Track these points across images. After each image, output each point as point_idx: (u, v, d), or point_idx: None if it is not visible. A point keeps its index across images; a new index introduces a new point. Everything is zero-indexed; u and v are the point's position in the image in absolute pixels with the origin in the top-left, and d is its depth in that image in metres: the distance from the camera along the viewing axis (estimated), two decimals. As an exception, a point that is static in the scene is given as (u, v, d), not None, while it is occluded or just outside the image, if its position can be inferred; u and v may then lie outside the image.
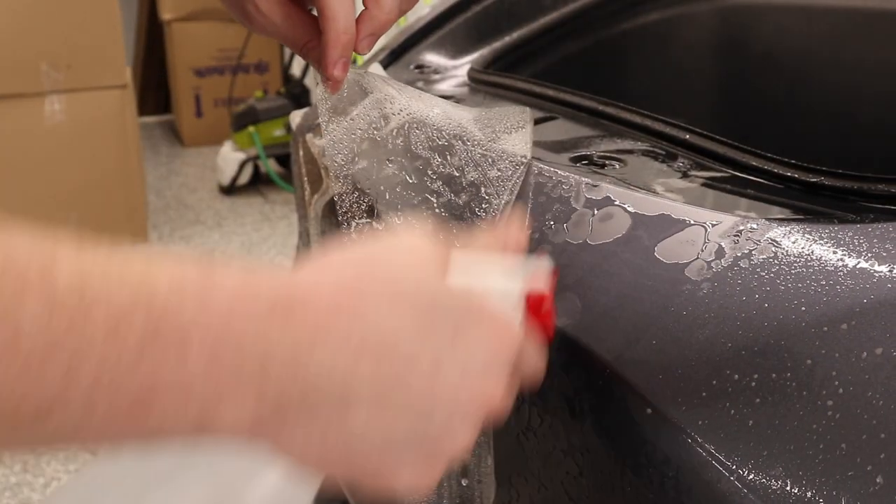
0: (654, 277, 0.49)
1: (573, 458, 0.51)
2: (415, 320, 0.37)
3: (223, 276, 0.35)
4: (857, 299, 0.43)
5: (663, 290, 0.48)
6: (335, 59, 0.59)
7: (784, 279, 0.45)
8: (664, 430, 0.44)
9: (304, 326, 0.35)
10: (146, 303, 0.33)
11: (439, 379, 0.38)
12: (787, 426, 0.42)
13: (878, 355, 0.41)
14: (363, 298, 0.37)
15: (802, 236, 0.47)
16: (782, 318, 0.43)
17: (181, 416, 0.34)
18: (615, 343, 0.48)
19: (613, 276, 0.51)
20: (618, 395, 0.47)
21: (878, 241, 0.45)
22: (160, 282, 0.33)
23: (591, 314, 0.50)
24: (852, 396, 0.41)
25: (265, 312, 0.35)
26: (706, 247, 0.48)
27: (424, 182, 0.72)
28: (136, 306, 0.32)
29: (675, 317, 0.46)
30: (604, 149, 0.68)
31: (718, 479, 0.42)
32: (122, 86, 3.01)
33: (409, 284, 0.38)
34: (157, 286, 0.33)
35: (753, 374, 0.43)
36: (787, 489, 0.41)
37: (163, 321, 0.33)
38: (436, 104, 0.76)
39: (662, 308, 0.47)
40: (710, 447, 0.43)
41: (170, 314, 0.33)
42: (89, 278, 0.32)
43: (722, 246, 0.48)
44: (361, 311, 0.37)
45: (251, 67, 4.17)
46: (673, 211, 0.52)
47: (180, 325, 0.33)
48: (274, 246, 3.08)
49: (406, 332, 0.37)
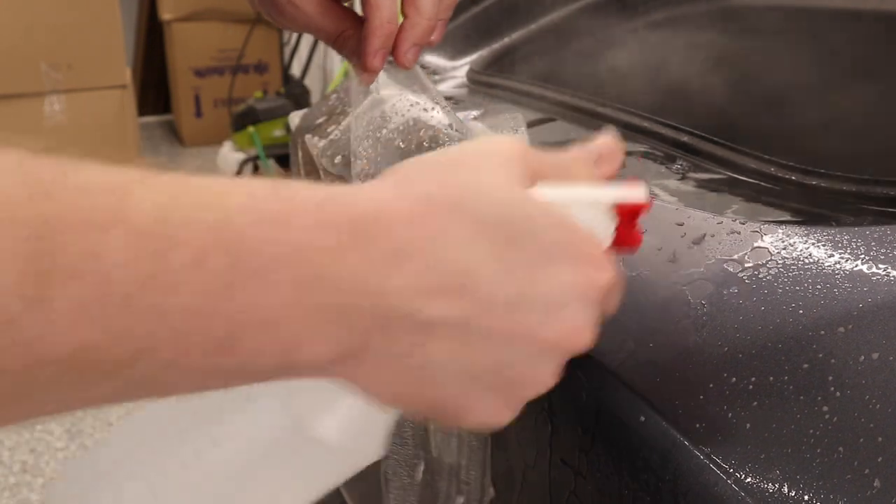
0: (651, 281, 0.49)
1: (569, 461, 0.51)
2: (499, 251, 0.35)
3: (302, 200, 0.34)
4: (855, 303, 0.43)
5: (660, 294, 0.48)
6: (376, 49, 0.57)
7: (781, 282, 0.45)
8: (661, 433, 0.44)
9: (384, 251, 0.34)
10: (227, 233, 0.31)
11: (521, 316, 0.36)
12: (785, 430, 0.42)
13: (875, 359, 0.41)
14: (445, 221, 0.35)
15: (800, 239, 0.47)
16: (779, 322, 0.43)
17: (266, 353, 0.33)
18: (612, 346, 0.48)
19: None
20: (614, 399, 0.47)
21: (876, 244, 0.45)
22: (239, 209, 0.32)
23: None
24: (850, 400, 0.41)
25: (344, 240, 0.33)
26: (703, 249, 0.48)
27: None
28: (218, 236, 0.31)
29: (672, 320, 0.46)
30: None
31: (716, 482, 0.42)
32: (122, 86, 3.01)
33: (495, 205, 0.36)
34: (236, 215, 0.32)
35: (751, 378, 0.43)
36: (785, 492, 0.41)
37: (245, 254, 0.32)
38: (437, 104, 0.76)
39: (660, 311, 0.47)
40: (707, 450, 0.43)
41: (251, 245, 0.32)
42: (168, 208, 0.31)
43: (719, 249, 0.48)
44: (441, 241, 0.35)
45: (251, 68, 4.17)
46: (670, 213, 0.52)
47: (261, 260, 0.32)
48: (274, 246, 3.07)
49: (488, 266, 0.35)
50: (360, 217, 0.34)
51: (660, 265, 0.49)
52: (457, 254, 0.35)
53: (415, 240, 0.35)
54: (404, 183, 0.36)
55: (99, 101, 3.00)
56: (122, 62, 3.03)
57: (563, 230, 0.37)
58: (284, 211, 0.33)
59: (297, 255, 0.33)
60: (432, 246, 0.35)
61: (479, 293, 0.35)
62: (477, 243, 0.35)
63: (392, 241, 0.34)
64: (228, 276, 0.31)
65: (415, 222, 0.35)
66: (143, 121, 4.05)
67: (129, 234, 0.30)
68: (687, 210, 0.52)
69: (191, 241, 0.31)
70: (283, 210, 0.33)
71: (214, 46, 4.12)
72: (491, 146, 0.39)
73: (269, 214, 0.33)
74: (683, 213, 0.52)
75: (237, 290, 0.31)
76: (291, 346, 0.33)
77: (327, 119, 1.00)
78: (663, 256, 0.49)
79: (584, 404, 0.50)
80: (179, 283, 0.30)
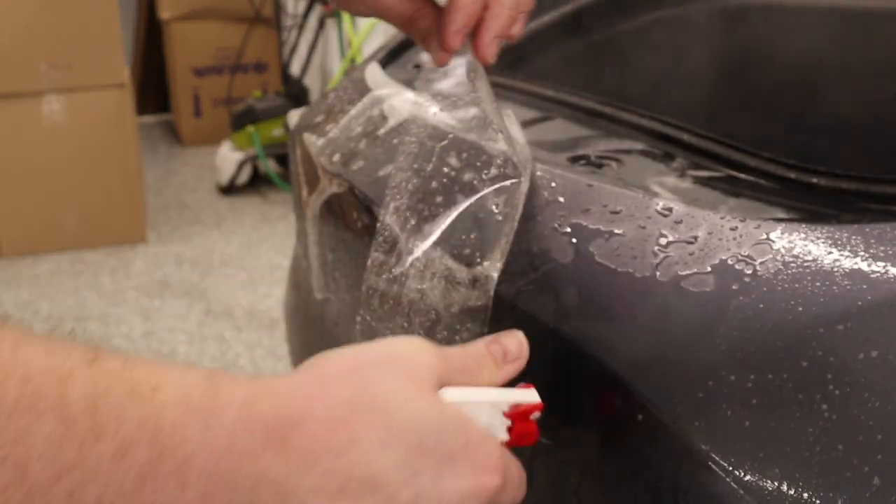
0: (649, 278, 0.48)
1: (570, 460, 0.51)
2: (402, 459, 0.39)
3: (227, 397, 0.37)
4: (854, 300, 0.43)
5: (659, 291, 0.48)
6: (459, 27, 0.57)
7: (781, 280, 0.45)
8: (660, 431, 0.44)
9: (296, 455, 0.37)
10: (153, 427, 0.35)
11: None
12: (784, 427, 0.42)
13: (874, 357, 0.41)
14: (363, 427, 0.39)
15: (800, 237, 0.47)
16: (778, 319, 0.43)
17: None
18: (612, 346, 0.48)
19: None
20: (614, 398, 0.47)
21: (876, 241, 0.45)
22: (168, 401, 0.36)
23: (588, 318, 0.50)
24: (849, 398, 0.41)
25: (260, 446, 0.37)
26: (702, 247, 0.48)
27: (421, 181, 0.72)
28: (143, 431, 0.34)
29: (671, 318, 0.46)
30: (601, 149, 0.68)
31: (715, 480, 0.42)
32: (121, 85, 3.01)
33: (401, 416, 0.40)
34: (166, 407, 0.35)
35: (750, 375, 0.43)
36: (784, 490, 0.40)
37: (167, 450, 0.35)
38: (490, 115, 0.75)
39: (658, 308, 0.47)
40: (706, 448, 0.43)
41: (174, 443, 0.35)
42: (101, 399, 0.34)
43: (719, 247, 0.48)
44: (356, 445, 0.38)
45: (250, 67, 4.17)
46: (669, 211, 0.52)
47: (182, 456, 0.35)
48: (273, 246, 3.08)
49: (391, 472, 0.39)
50: (282, 419, 0.38)
51: (658, 262, 0.49)
52: (368, 457, 0.38)
53: (331, 444, 0.38)
54: (328, 384, 0.40)
55: (98, 101, 3.00)
56: (120, 61, 3.02)
57: (465, 435, 0.41)
58: (211, 409, 0.37)
59: (215, 458, 0.36)
60: (347, 449, 0.38)
61: (380, 494, 0.38)
62: (389, 447, 0.39)
63: (307, 444, 0.38)
64: (146, 470, 0.34)
65: (336, 428, 0.38)
66: (142, 120, 4.05)
67: (59, 422, 0.33)
68: (686, 207, 0.52)
69: (118, 432, 0.34)
70: (210, 408, 0.37)
71: (213, 45, 4.12)
72: (404, 353, 0.43)
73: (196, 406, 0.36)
74: (682, 211, 0.52)
75: (150, 486, 0.34)
76: None
77: (326, 118, 0.99)
78: (662, 254, 0.49)
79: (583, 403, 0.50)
80: (99, 473, 0.33)
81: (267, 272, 2.85)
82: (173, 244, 3.13)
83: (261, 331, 2.45)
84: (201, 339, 2.42)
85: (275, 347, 2.34)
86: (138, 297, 2.68)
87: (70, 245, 3.05)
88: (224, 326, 2.48)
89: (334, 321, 0.92)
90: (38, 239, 3.03)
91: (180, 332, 2.46)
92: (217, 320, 2.52)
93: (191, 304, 2.63)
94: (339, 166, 0.84)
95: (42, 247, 3.03)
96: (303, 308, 1.09)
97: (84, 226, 3.05)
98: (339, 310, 0.89)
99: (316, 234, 0.94)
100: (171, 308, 2.61)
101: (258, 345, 2.37)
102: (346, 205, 0.83)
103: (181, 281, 2.80)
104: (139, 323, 2.52)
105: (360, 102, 0.94)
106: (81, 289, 2.76)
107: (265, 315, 2.54)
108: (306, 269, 1.02)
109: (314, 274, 0.97)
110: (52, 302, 2.66)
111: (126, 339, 2.42)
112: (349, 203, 0.81)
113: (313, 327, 1.03)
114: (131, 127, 3.07)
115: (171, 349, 2.37)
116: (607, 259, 0.51)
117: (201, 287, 2.75)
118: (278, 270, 2.84)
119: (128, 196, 3.10)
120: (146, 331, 2.47)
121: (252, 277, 2.81)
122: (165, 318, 2.55)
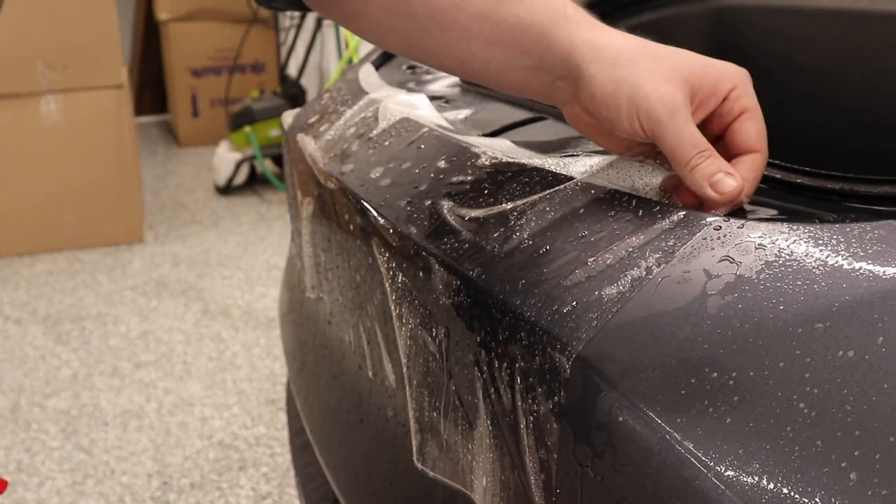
0: (633, 277, 0.49)
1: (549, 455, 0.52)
2: None
3: None
4: (834, 300, 0.43)
5: (642, 290, 0.48)
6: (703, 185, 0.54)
7: (763, 279, 0.45)
8: (643, 427, 0.45)
9: None
10: None
11: None
12: (764, 424, 0.42)
13: (852, 355, 0.41)
14: None
15: (782, 236, 0.47)
16: (760, 318, 0.44)
17: None
18: (595, 341, 0.48)
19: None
20: (597, 393, 0.48)
21: (857, 241, 0.46)
22: None
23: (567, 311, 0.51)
24: (827, 395, 0.41)
25: None
26: (686, 246, 0.49)
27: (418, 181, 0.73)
28: None
29: (654, 315, 0.47)
30: (591, 149, 0.68)
31: (696, 475, 0.42)
32: (119, 86, 3.02)
33: None
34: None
35: (731, 373, 0.44)
36: (764, 485, 0.41)
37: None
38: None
39: (641, 307, 0.48)
40: (688, 444, 0.43)
41: None
42: None
43: (702, 245, 0.49)
44: None
45: (247, 67, 4.18)
46: (652, 209, 0.53)
47: None
48: (270, 246, 3.09)
49: None
50: None
51: (642, 262, 0.49)
52: None
53: None
54: None
55: (95, 101, 3.01)
56: (118, 62, 3.03)
57: None
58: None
59: None
60: None
61: None
62: None
63: None
64: None
65: None
66: (140, 121, 4.05)
67: None
68: (669, 207, 0.53)
69: None
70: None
71: (211, 46, 4.13)
72: None
73: None
74: (666, 211, 0.52)
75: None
76: None
77: (320, 118, 1.00)
78: (646, 253, 0.50)
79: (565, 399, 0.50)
80: None
81: (264, 272, 2.86)
82: (170, 244, 3.13)
83: (258, 330, 2.45)
84: (198, 339, 2.42)
85: (272, 347, 2.35)
86: (135, 297, 2.69)
87: (67, 245, 3.06)
88: (221, 326, 2.49)
89: (326, 320, 0.93)
90: (35, 239, 3.03)
91: (177, 331, 2.47)
92: (214, 320, 2.53)
93: (188, 303, 2.64)
94: (333, 166, 0.85)
95: (39, 247, 3.04)
96: (297, 307, 1.10)
97: (81, 226, 3.06)
98: (332, 309, 0.90)
99: (309, 234, 0.95)
100: (168, 308, 2.62)
101: (255, 344, 2.38)
102: (338, 206, 0.83)
103: (178, 281, 2.81)
104: (136, 323, 2.53)
105: (355, 104, 0.95)
106: (79, 288, 2.76)
107: (262, 315, 2.54)
108: (300, 269, 1.02)
109: (307, 273, 0.97)
110: (49, 302, 2.67)
111: (123, 338, 2.43)
112: (342, 204, 0.82)
113: (306, 326, 1.04)
114: (129, 127, 3.08)
115: (169, 349, 2.37)
116: (593, 258, 0.51)
117: (198, 287, 2.76)
118: (275, 270, 2.85)
119: (125, 196, 3.11)
120: (143, 330, 2.47)
121: (249, 277, 2.82)
122: (162, 317, 2.56)
